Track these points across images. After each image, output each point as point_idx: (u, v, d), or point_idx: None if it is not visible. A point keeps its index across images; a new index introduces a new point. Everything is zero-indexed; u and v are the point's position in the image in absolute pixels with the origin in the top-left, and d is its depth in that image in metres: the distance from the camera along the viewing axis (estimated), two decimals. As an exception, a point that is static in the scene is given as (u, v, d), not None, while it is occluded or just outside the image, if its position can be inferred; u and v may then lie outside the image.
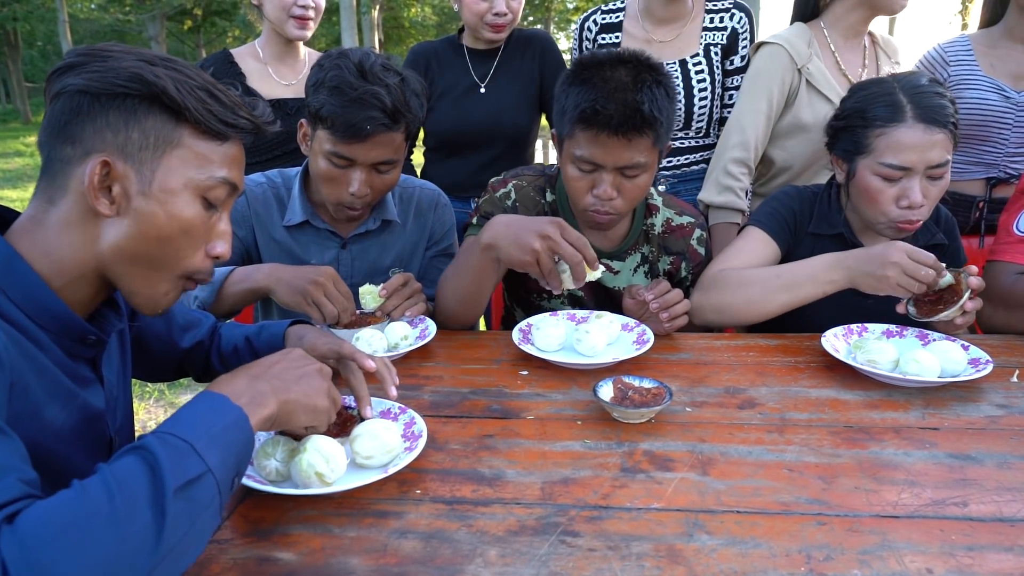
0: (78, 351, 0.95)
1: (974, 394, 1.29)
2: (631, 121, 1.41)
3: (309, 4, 2.22)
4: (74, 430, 0.94)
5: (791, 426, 1.18)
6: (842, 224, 1.68)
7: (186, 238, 0.93)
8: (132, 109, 0.87)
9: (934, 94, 1.51)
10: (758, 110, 2.06)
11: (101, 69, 0.86)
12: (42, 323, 0.89)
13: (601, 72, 1.44)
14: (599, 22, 2.33)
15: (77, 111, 0.87)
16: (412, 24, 23.85)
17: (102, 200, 0.87)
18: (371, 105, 1.44)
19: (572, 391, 1.31)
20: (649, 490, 1.00)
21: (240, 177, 0.99)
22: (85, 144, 0.87)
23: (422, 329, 1.56)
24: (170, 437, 0.76)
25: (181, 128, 0.90)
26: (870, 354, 1.34)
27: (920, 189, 1.50)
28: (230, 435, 0.81)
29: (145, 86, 0.87)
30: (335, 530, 0.92)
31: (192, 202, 0.92)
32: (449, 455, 1.10)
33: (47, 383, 0.89)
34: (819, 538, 0.89)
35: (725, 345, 1.52)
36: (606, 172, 1.48)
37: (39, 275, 0.88)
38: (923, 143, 1.48)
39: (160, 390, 3.62)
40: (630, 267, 1.71)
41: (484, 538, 0.90)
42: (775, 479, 1.02)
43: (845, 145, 1.60)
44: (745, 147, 2.07)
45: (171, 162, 0.90)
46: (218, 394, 0.85)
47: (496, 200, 1.71)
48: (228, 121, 0.93)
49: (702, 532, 0.90)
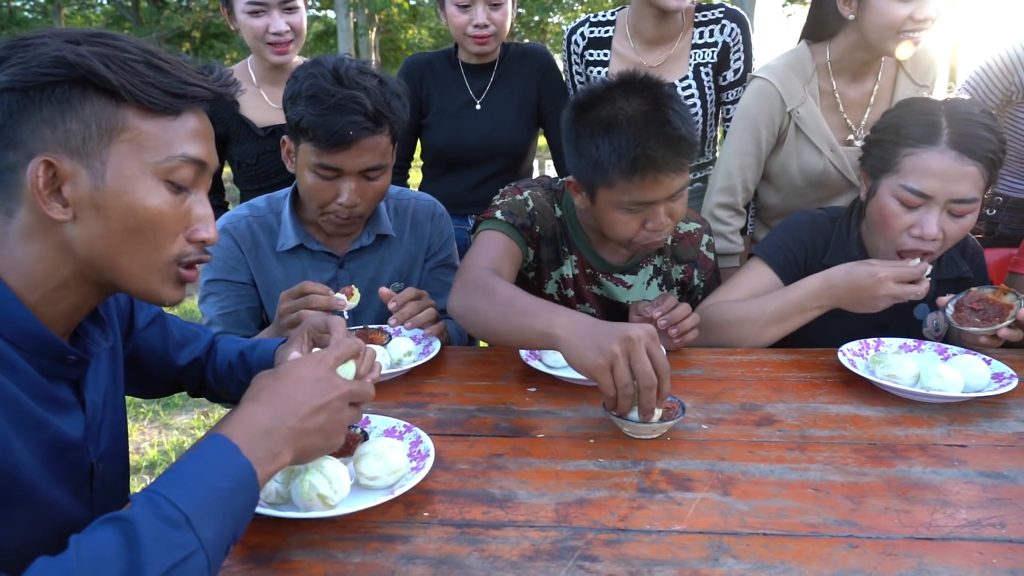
0: (57, 371, 0.88)
1: (999, 409, 1.24)
2: (679, 152, 1.34)
3: (281, 30, 2.08)
4: (44, 463, 0.86)
5: (813, 443, 1.13)
6: (860, 254, 1.58)
7: (158, 228, 0.85)
8: (64, 98, 0.78)
9: (979, 124, 1.40)
10: (745, 152, 1.95)
11: (22, 60, 0.77)
12: (14, 342, 0.82)
13: (616, 112, 1.35)
14: (587, 35, 2.28)
15: (8, 112, 0.78)
16: (409, 46, 24.03)
17: (53, 204, 0.80)
18: (351, 110, 1.39)
19: (583, 408, 1.27)
20: (669, 511, 0.95)
21: (207, 151, 0.89)
22: (26, 146, 0.79)
23: (426, 345, 1.51)
24: (164, 504, 0.70)
25: (123, 110, 0.81)
26: (890, 369, 1.30)
27: (938, 222, 1.40)
28: (233, 499, 0.75)
29: (70, 69, 0.77)
30: (339, 556, 0.87)
31: (155, 189, 0.84)
32: (457, 475, 1.05)
33: (12, 414, 0.81)
34: (852, 562, 0.84)
35: (738, 360, 1.48)
36: (659, 205, 1.40)
37: (11, 290, 0.82)
38: (950, 172, 1.38)
39: (154, 410, 3.55)
40: (643, 280, 1.67)
41: (497, 563, 0.84)
42: (800, 499, 0.97)
43: (874, 160, 1.51)
44: (731, 191, 1.99)
45: (121, 148, 0.81)
46: (228, 441, 0.78)
47: (519, 203, 1.60)
48: (176, 92, 0.83)
49: (728, 556, 0.85)
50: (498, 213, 1.57)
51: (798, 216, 1.71)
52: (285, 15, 2.09)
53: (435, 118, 2.39)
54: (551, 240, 1.64)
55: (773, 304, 1.52)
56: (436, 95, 2.39)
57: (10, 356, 0.82)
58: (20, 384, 0.83)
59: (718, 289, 1.68)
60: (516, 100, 2.38)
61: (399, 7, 20.08)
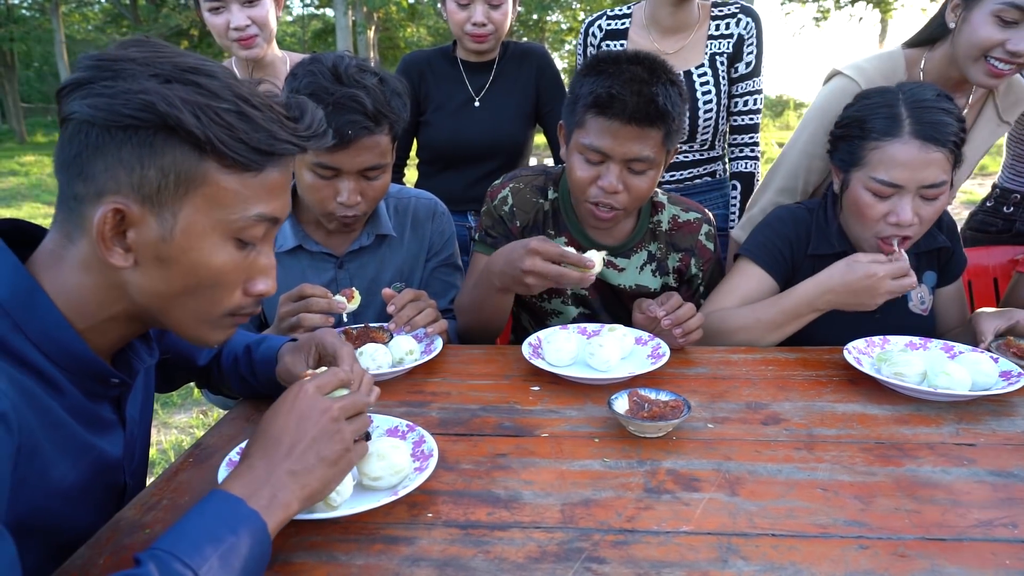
0: (100, 391, 0.88)
1: (1007, 408, 1.23)
2: (645, 111, 1.40)
3: (241, 24, 2.04)
4: (84, 487, 0.86)
5: (820, 443, 1.12)
6: (842, 242, 1.61)
7: (218, 284, 0.83)
8: (147, 143, 0.75)
9: (938, 110, 1.43)
10: (815, 153, 1.82)
11: (108, 92, 0.73)
12: (62, 364, 0.81)
13: (618, 65, 1.44)
14: (604, 27, 2.31)
15: (85, 144, 0.75)
16: (408, 45, 23.99)
17: (115, 250, 0.77)
18: (350, 109, 1.38)
19: (587, 407, 1.25)
20: (676, 512, 0.93)
21: (282, 206, 0.85)
22: (97, 183, 0.76)
23: (428, 344, 1.50)
24: (171, 559, 0.67)
25: (206, 162, 0.77)
26: (897, 367, 1.29)
27: (912, 208, 1.44)
28: (243, 552, 0.72)
29: (158, 117, 0.74)
30: (341, 557, 0.85)
31: (222, 246, 0.81)
32: (461, 475, 1.03)
33: (60, 439, 0.81)
34: (863, 563, 0.83)
35: (743, 359, 1.46)
36: (613, 163, 1.46)
37: (61, 313, 0.80)
38: (917, 161, 1.41)
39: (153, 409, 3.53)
40: (636, 264, 1.67)
41: (503, 565, 0.83)
42: (809, 499, 0.96)
43: (842, 155, 1.54)
44: (791, 193, 1.90)
45: (196, 203, 0.78)
46: (230, 495, 0.75)
47: (492, 210, 1.71)
48: (263, 149, 0.79)
49: (737, 557, 0.84)
50: (479, 235, 1.73)
51: (778, 212, 1.72)
52: (246, 9, 2.06)
53: (434, 115, 2.38)
54: (535, 227, 1.69)
55: (769, 314, 1.53)
56: (435, 92, 2.38)
57: (56, 378, 0.81)
58: (66, 407, 0.82)
59: (713, 295, 1.66)
60: (515, 98, 2.38)
61: (398, 5, 20.04)
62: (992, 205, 2.31)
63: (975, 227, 2.35)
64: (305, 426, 0.84)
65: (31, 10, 24.45)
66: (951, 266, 1.68)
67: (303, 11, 28.72)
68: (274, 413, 0.86)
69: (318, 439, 0.84)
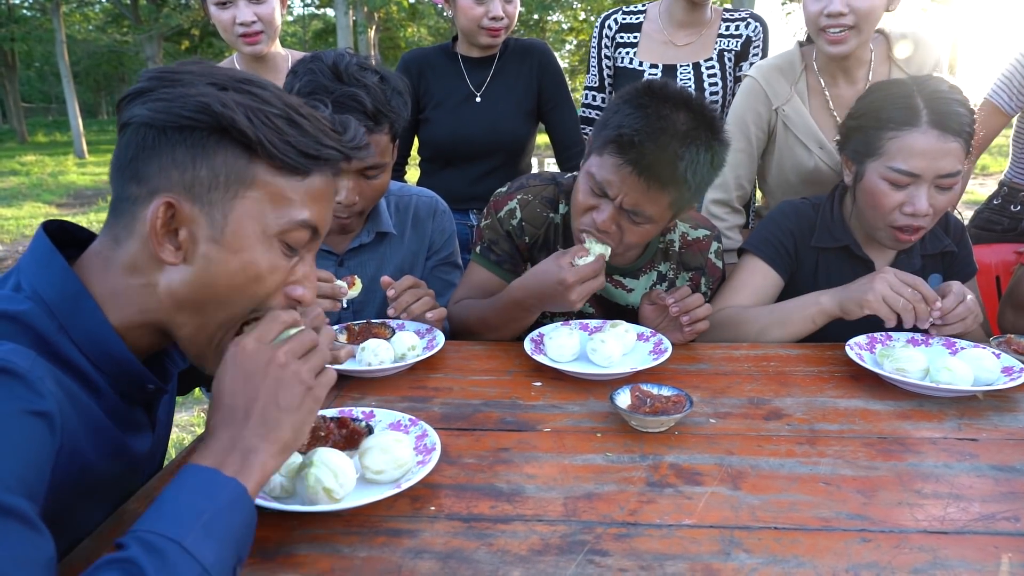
0: (135, 394, 0.89)
1: (1009, 404, 1.23)
2: (660, 172, 1.31)
3: (247, 20, 2.08)
4: (110, 486, 0.87)
5: (822, 438, 1.12)
6: (845, 235, 1.62)
7: (259, 287, 0.84)
8: (200, 144, 0.78)
9: (953, 100, 1.45)
10: (736, 148, 1.83)
11: (168, 97, 0.77)
12: (102, 367, 0.82)
13: (661, 105, 1.32)
14: (619, 21, 2.38)
15: (142, 146, 0.78)
16: (408, 44, 23.99)
17: (167, 246, 0.79)
18: (350, 108, 1.37)
19: (589, 402, 1.25)
20: (679, 505, 0.93)
21: (324, 215, 0.87)
22: (151, 183, 0.79)
23: (430, 339, 1.50)
24: (153, 537, 0.66)
25: (255, 164, 0.80)
26: (899, 362, 1.29)
27: (927, 197, 1.45)
28: (226, 518, 0.71)
29: (213, 117, 0.77)
30: (344, 550, 0.85)
31: (269, 249, 0.83)
32: (464, 469, 1.03)
33: (100, 441, 0.82)
34: (865, 556, 0.83)
35: (745, 355, 1.47)
36: (611, 206, 1.38)
37: (105, 317, 0.81)
38: (935, 150, 1.43)
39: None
40: (645, 285, 1.65)
41: (506, 558, 0.83)
42: (812, 493, 0.96)
43: (856, 146, 1.55)
44: (724, 188, 2.01)
45: (245, 205, 0.81)
46: (203, 468, 0.74)
47: (497, 224, 1.64)
48: (310, 153, 0.82)
49: (739, 550, 0.84)
50: (479, 247, 1.67)
51: (782, 207, 1.73)
52: (252, 5, 2.09)
53: (434, 112, 2.37)
54: (544, 244, 1.65)
55: (773, 324, 1.53)
56: (435, 89, 2.38)
57: (96, 380, 0.82)
58: (104, 408, 0.84)
59: (721, 292, 1.67)
60: (516, 94, 2.38)
61: (398, 5, 20.04)
62: (999, 203, 2.31)
63: (980, 225, 2.35)
64: (254, 382, 0.80)
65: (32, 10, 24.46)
66: (957, 271, 1.67)
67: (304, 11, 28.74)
68: (220, 379, 0.82)
69: (273, 391, 0.80)
